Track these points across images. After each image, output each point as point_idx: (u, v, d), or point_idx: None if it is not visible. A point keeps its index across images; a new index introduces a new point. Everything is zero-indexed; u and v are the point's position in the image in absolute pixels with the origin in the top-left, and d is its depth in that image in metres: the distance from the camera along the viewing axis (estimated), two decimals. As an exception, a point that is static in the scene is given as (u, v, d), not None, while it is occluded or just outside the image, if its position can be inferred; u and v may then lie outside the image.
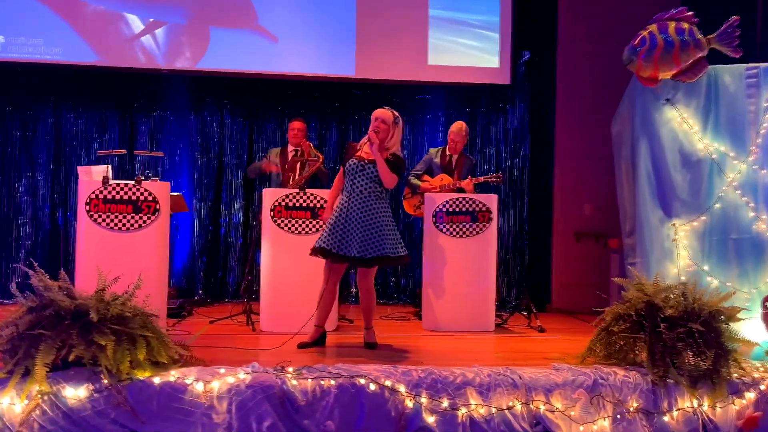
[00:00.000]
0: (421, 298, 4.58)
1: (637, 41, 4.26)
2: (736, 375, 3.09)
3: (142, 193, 3.80)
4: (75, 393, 2.72)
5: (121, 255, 3.72)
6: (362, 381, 2.88)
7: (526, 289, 4.98)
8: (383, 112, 3.67)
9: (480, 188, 4.74)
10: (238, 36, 5.53)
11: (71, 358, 2.69)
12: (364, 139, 3.68)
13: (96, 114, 5.69)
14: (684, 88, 4.52)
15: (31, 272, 2.90)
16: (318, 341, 3.72)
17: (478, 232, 4.40)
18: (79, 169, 3.90)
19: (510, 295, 5.74)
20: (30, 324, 2.75)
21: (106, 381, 2.72)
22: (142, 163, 5.70)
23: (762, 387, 3.08)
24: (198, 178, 5.76)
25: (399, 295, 5.83)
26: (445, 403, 2.88)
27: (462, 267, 4.40)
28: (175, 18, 5.49)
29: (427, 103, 5.93)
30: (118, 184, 3.78)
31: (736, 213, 3.89)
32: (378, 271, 3.97)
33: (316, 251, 3.65)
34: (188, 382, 2.81)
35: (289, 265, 4.14)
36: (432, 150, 5.01)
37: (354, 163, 3.68)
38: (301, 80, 5.73)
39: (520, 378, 2.98)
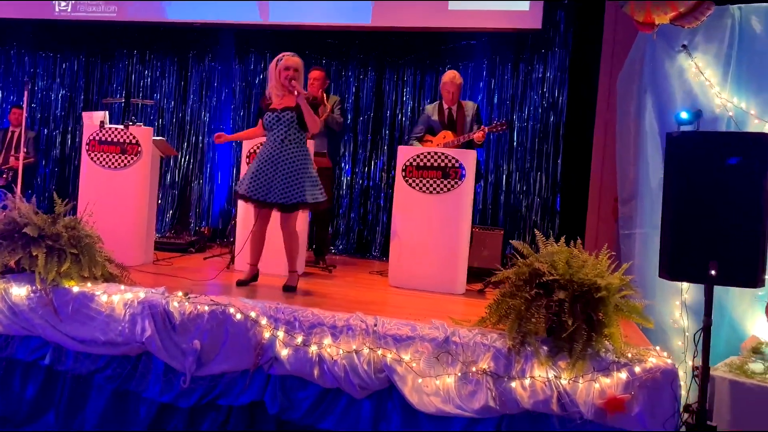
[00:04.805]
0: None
1: (630, -20, 4.31)
2: (607, 353, 3.30)
3: (128, 137, 4.97)
4: (18, 291, 3.96)
5: (110, 189, 4.97)
6: (231, 310, 3.71)
7: (509, 255, 5.24)
8: (296, 61, 4.37)
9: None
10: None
11: (11, 263, 3.95)
12: (273, 90, 4.38)
13: (159, 62, 7.11)
14: (704, 32, 4.42)
15: (9, 195, 4.23)
16: (253, 279, 4.60)
17: (448, 189, 4.84)
18: (84, 114, 5.20)
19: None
20: (-6, 234, 4.07)
21: (38, 285, 3.94)
22: (195, 111, 7.02)
23: (636, 369, 3.24)
24: (238, 124, 6.89)
25: None
26: (299, 339, 3.59)
27: (431, 225, 4.87)
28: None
29: (472, 50, 6.30)
30: (110, 128, 5.00)
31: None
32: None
33: (240, 196, 4.45)
34: (97, 293, 3.90)
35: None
36: (428, 107, 5.39)
37: (270, 116, 4.39)
38: (341, 30, 6.50)
39: (375, 326, 3.57)
